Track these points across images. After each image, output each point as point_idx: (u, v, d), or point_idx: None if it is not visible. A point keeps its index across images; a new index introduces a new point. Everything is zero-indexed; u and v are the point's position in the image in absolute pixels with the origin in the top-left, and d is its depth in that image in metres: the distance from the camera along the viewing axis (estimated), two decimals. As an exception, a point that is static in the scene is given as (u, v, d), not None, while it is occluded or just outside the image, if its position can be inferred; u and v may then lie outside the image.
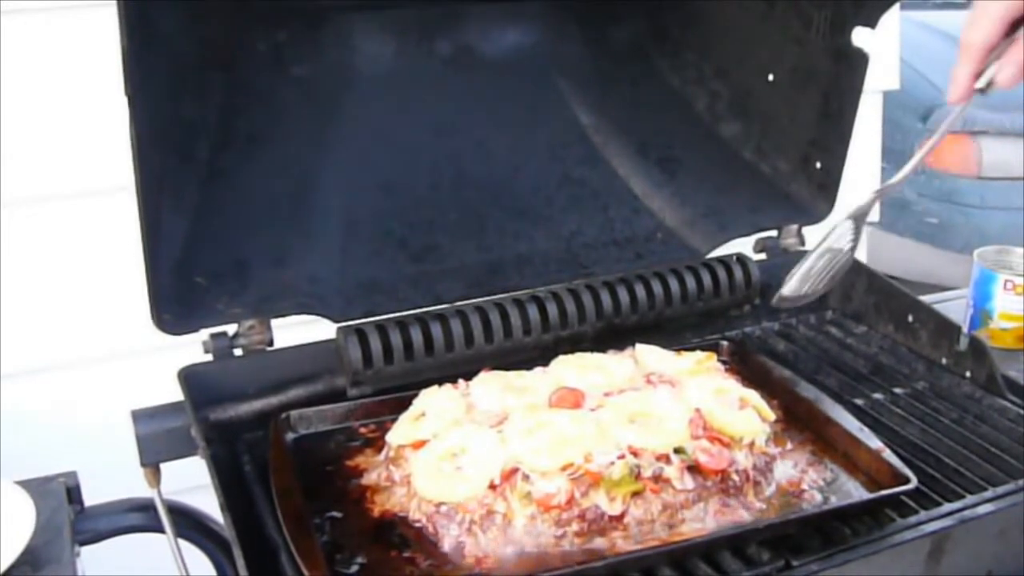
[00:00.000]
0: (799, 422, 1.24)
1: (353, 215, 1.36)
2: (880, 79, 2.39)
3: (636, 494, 1.05)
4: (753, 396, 1.20)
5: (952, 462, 1.17)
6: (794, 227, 1.56)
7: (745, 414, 1.15)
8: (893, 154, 3.64)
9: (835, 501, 1.10)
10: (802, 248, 1.57)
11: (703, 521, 1.06)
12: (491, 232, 1.43)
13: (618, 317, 1.38)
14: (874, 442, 1.16)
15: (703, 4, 1.45)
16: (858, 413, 1.26)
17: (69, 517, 1.16)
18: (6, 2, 1.60)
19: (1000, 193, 3.79)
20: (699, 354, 1.28)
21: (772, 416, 1.20)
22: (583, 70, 1.48)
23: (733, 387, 1.20)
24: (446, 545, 1.03)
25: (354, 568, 1.01)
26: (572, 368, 1.23)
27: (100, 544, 1.23)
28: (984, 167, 3.81)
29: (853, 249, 1.15)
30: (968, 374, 1.36)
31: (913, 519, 1.06)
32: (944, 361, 1.39)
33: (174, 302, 1.20)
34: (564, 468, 1.04)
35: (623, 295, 1.38)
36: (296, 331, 1.30)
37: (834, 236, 1.15)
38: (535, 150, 1.47)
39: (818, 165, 1.51)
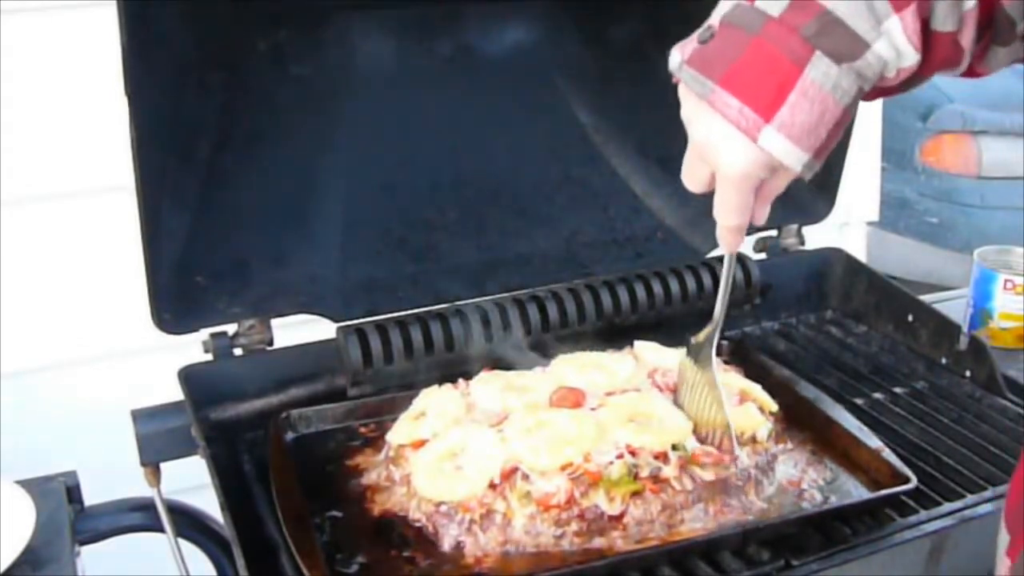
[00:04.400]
0: (799, 422, 1.24)
1: (353, 215, 1.36)
2: (880, 79, 2.38)
3: (636, 494, 1.05)
4: (754, 388, 1.20)
5: (952, 462, 1.17)
6: (794, 227, 1.56)
7: (744, 409, 1.15)
8: (893, 154, 3.64)
9: (835, 501, 1.10)
10: (802, 247, 1.57)
11: (703, 521, 1.06)
12: (491, 232, 1.43)
13: (618, 317, 1.38)
14: (874, 441, 1.16)
15: (703, 3, 1.44)
16: (858, 413, 1.26)
17: (69, 517, 1.16)
18: (6, 2, 1.60)
19: (1000, 193, 3.79)
20: (699, 350, 1.28)
21: (774, 407, 1.20)
22: (583, 70, 1.48)
23: (734, 380, 1.21)
24: (446, 545, 1.03)
25: (354, 568, 1.01)
26: (572, 367, 1.23)
27: (100, 544, 1.23)
28: (984, 167, 3.81)
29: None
30: (968, 374, 1.36)
31: (913, 519, 1.07)
32: (944, 361, 1.39)
33: (174, 301, 1.21)
34: (564, 468, 1.04)
35: (623, 295, 1.38)
36: (296, 331, 1.30)
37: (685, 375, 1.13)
38: (535, 150, 1.47)
39: (818, 165, 1.50)
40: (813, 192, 1.52)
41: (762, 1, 0.80)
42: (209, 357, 1.27)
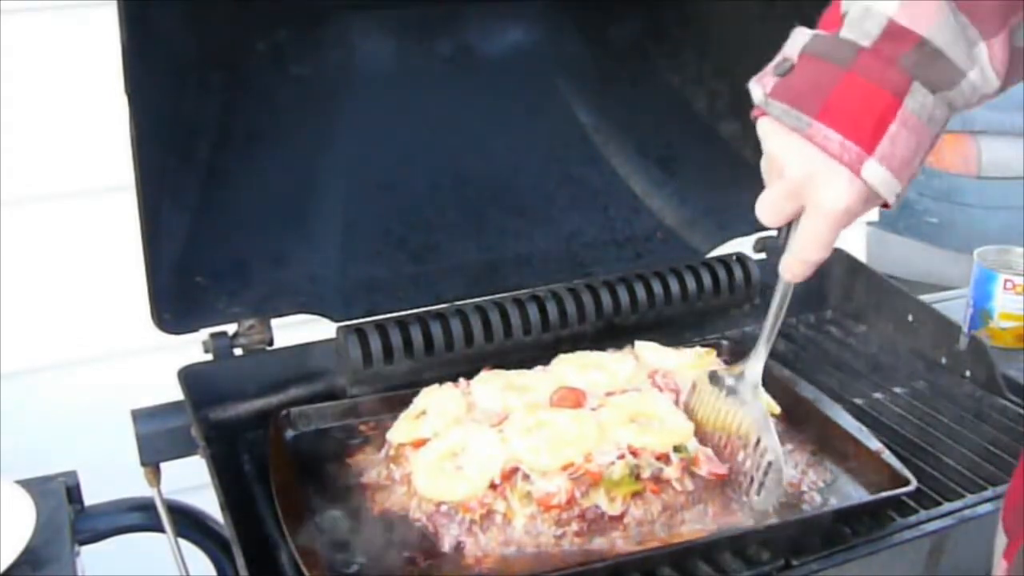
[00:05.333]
0: (799, 423, 1.24)
1: (353, 215, 1.36)
2: (880, 79, 2.38)
3: (636, 494, 1.05)
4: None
5: (952, 462, 1.17)
6: (794, 227, 1.56)
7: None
8: (893, 154, 3.64)
9: (834, 503, 1.10)
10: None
11: (703, 522, 1.06)
12: (491, 232, 1.43)
13: (618, 317, 1.38)
14: (873, 443, 1.16)
15: (703, 3, 1.45)
16: (858, 412, 1.26)
17: (69, 517, 1.16)
18: (6, 2, 1.60)
19: (1000, 192, 3.79)
20: (699, 349, 1.28)
21: (776, 409, 1.20)
22: (583, 70, 1.48)
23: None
24: (446, 545, 1.03)
25: (354, 568, 1.01)
26: (573, 367, 1.23)
27: (100, 544, 1.23)
28: (984, 166, 3.81)
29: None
30: (968, 374, 1.36)
31: (913, 519, 1.07)
32: (944, 361, 1.39)
33: (174, 301, 1.20)
34: (564, 467, 1.04)
35: (623, 295, 1.37)
36: (296, 331, 1.30)
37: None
38: (535, 150, 1.47)
39: (818, 165, 1.50)
40: (813, 192, 1.52)
41: (847, 32, 0.79)
42: (209, 357, 1.27)
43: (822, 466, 1.17)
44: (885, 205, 0.83)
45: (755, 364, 1.07)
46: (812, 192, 0.82)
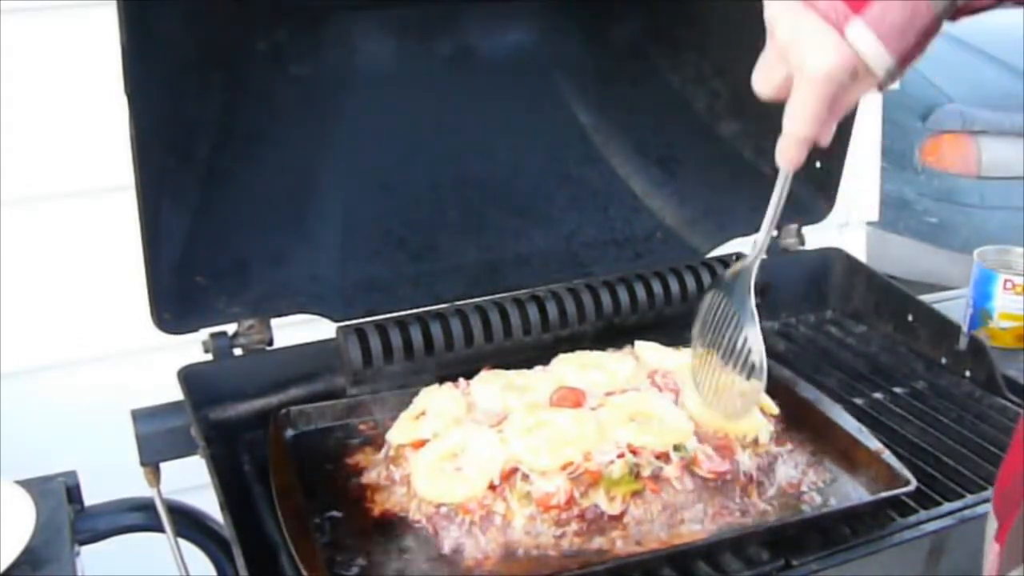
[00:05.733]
0: (799, 423, 1.24)
1: (353, 215, 1.36)
2: (880, 79, 2.38)
3: (636, 494, 1.05)
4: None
5: (952, 462, 1.17)
6: (794, 227, 1.56)
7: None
8: (893, 154, 3.64)
9: (834, 503, 1.10)
10: (802, 247, 1.57)
11: (702, 522, 1.06)
12: (491, 232, 1.43)
13: (618, 317, 1.38)
14: (873, 443, 1.16)
15: (703, 3, 1.45)
16: (858, 413, 1.26)
17: (69, 517, 1.16)
18: (6, 2, 1.60)
19: (1000, 192, 3.79)
20: (699, 350, 1.28)
21: (775, 410, 1.20)
22: (583, 70, 1.48)
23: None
24: (446, 547, 1.03)
25: (354, 570, 1.01)
26: (573, 367, 1.23)
27: (100, 544, 1.23)
28: (984, 166, 3.81)
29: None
30: (968, 374, 1.36)
31: (913, 519, 1.07)
32: (944, 361, 1.39)
33: (174, 301, 1.21)
34: (564, 467, 1.04)
35: (623, 295, 1.37)
36: (296, 331, 1.30)
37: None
38: (535, 150, 1.47)
39: (818, 165, 1.50)
40: (813, 192, 1.52)
41: None
42: (209, 357, 1.27)
43: (822, 466, 1.17)
44: (879, 87, 0.81)
45: (751, 258, 1.07)
46: (799, 54, 0.81)
